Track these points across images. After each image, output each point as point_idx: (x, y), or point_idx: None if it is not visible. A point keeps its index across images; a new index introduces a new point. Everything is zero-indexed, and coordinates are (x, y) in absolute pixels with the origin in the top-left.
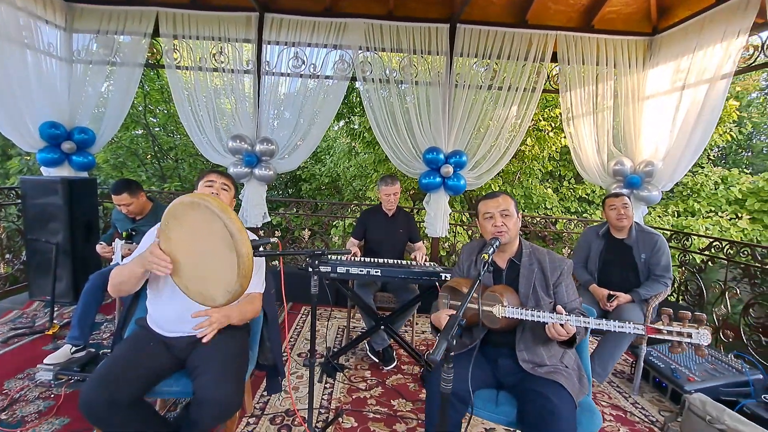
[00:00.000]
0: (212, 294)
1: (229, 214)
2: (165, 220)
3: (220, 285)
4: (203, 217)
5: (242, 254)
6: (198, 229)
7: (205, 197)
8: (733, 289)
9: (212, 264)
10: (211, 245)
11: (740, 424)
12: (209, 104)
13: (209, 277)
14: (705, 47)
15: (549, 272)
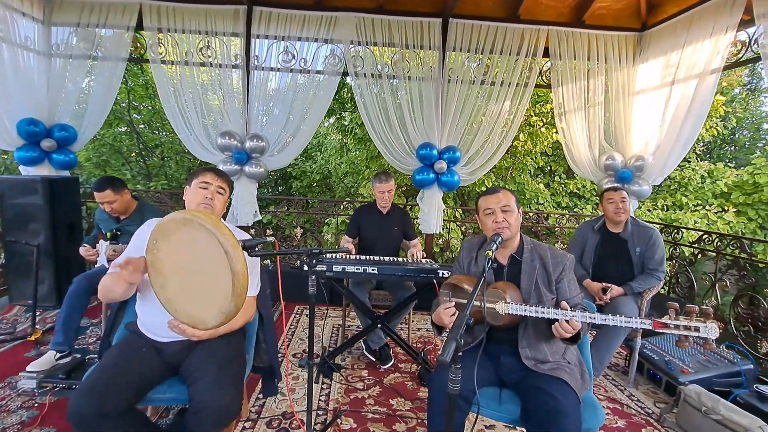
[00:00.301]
0: (202, 317)
1: (223, 230)
2: (153, 237)
3: (212, 306)
4: (195, 234)
5: (237, 272)
6: (188, 246)
7: (197, 213)
8: (723, 281)
9: (204, 283)
10: (202, 263)
11: (735, 414)
12: (196, 100)
13: (200, 298)
14: (694, 43)
15: (551, 268)
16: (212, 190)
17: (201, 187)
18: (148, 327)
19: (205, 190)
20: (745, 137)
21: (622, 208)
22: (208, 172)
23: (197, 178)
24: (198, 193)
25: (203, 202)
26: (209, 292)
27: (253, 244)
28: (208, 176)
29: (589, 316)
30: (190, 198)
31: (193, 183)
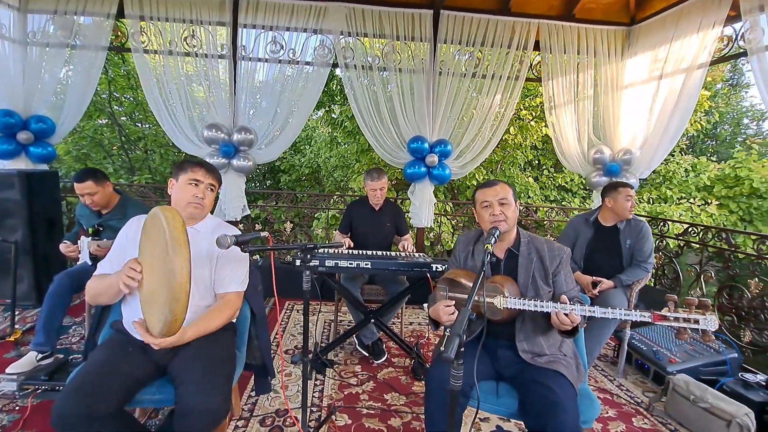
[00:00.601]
0: (151, 321)
1: (175, 222)
2: (141, 235)
3: (156, 310)
4: (157, 230)
5: (173, 270)
6: (153, 243)
7: (163, 210)
8: (708, 272)
9: (156, 285)
10: (156, 263)
11: (722, 402)
12: (181, 91)
13: (150, 300)
14: (681, 38)
15: (548, 261)
16: (203, 188)
17: (191, 183)
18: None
19: (196, 187)
20: (726, 131)
21: (633, 205)
22: (199, 168)
23: (185, 173)
24: (187, 190)
25: (193, 201)
26: (156, 294)
27: (246, 240)
28: (198, 173)
29: (588, 310)
30: (178, 195)
31: (181, 178)
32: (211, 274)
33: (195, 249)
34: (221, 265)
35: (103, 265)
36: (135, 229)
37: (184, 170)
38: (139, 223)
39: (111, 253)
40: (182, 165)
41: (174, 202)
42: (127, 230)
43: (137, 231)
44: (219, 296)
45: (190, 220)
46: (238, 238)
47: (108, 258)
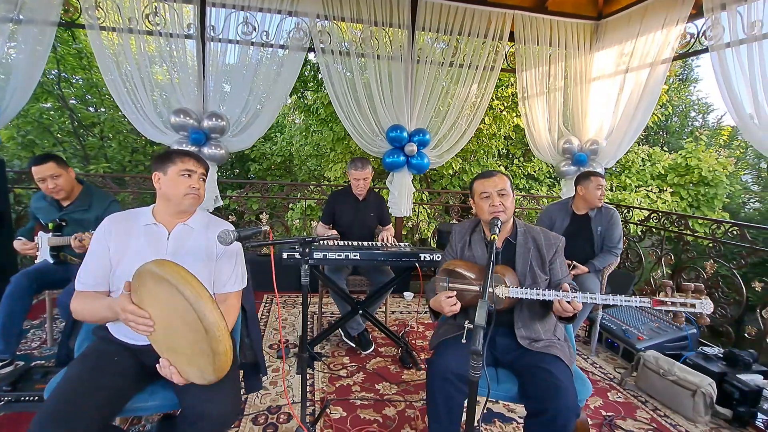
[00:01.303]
0: (185, 369)
1: (205, 303)
2: (135, 279)
3: (193, 366)
4: (174, 298)
5: (219, 353)
6: (168, 304)
7: (176, 276)
8: (669, 255)
9: (186, 345)
10: (185, 329)
11: (688, 374)
12: (144, 73)
13: (182, 354)
14: (647, 33)
15: (545, 250)
16: (196, 179)
17: (184, 175)
18: (124, 331)
19: (189, 178)
20: (675, 123)
21: (604, 194)
22: (189, 158)
23: (175, 165)
24: (180, 182)
25: (190, 192)
26: (191, 355)
27: (248, 235)
28: (189, 163)
29: (590, 297)
30: (171, 188)
31: (170, 171)
32: (211, 274)
33: (192, 247)
34: (222, 264)
35: (84, 279)
36: (117, 233)
37: (172, 161)
38: (123, 229)
39: (91, 264)
40: (168, 156)
41: (166, 196)
42: (106, 235)
43: (124, 234)
44: (219, 297)
45: (185, 214)
46: (241, 234)
47: (88, 270)
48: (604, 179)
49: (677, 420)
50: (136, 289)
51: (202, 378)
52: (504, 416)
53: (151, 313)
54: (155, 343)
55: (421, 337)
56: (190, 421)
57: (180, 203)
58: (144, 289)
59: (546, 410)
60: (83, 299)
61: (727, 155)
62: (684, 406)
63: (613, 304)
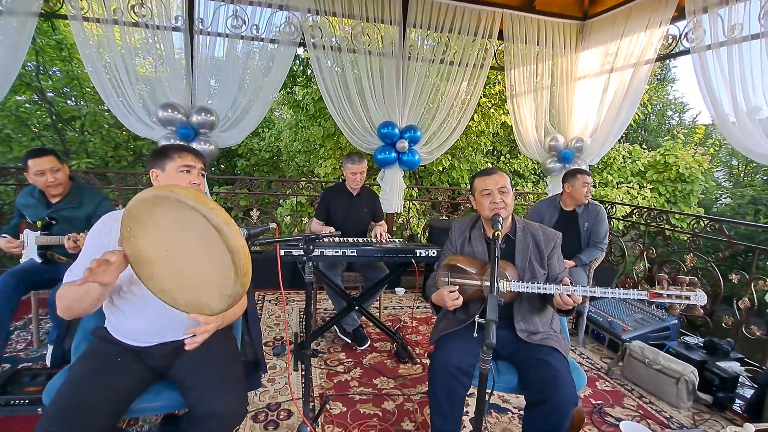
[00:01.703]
0: (207, 302)
1: (209, 204)
2: (124, 225)
3: (213, 290)
4: (175, 214)
5: (236, 249)
6: (171, 229)
7: (172, 188)
8: (651, 249)
9: (199, 267)
10: (192, 246)
11: (671, 363)
12: (130, 67)
13: (199, 283)
14: (631, 34)
15: (543, 245)
16: (196, 174)
17: (183, 171)
18: (125, 332)
19: (189, 174)
20: (653, 122)
21: (589, 191)
22: (186, 153)
23: (173, 161)
24: (180, 179)
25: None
26: (208, 275)
27: (257, 233)
28: (188, 158)
29: (589, 290)
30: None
31: (168, 167)
32: None
33: None
34: None
35: (75, 270)
36: (114, 231)
37: (169, 158)
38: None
39: (84, 259)
40: (165, 152)
41: None
42: (108, 233)
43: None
44: None
45: None
46: (251, 231)
47: (81, 263)
48: (590, 177)
49: (662, 406)
50: (127, 236)
51: (226, 296)
52: (499, 407)
53: (152, 251)
54: (165, 291)
55: (414, 331)
56: (196, 421)
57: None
58: (136, 227)
59: (546, 400)
60: (68, 286)
61: (703, 153)
62: (668, 393)
63: (600, 296)
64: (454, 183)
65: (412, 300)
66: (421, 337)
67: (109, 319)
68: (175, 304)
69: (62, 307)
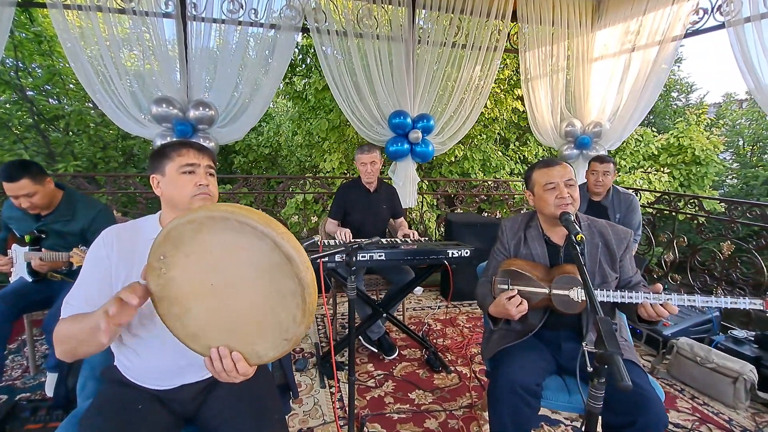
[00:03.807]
0: (254, 348)
1: (279, 228)
2: (156, 252)
3: (269, 333)
4: (230, 239)
5: (307, 284)
6: (221, 258)
7: (233, 209)
8: (681, 237)
9: (253, 306)
10: (248, 279)
11: (727, 361)
12: (117, 59)
13: (248, 326)
14: (654, 10)
15: (614, 245)
16: (202, 173)
17: (185, 171)
18: (143, 376)
19: (193, 174)
20: (660, 104)
21: (602, 182)
22: (187, 149)
23: (171, 161)
24: (183, 181)
25: (199, 192)
26: (265, 315)
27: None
28: (190, 155)
29: (688, 299)
30: (173, 191)
31: (168, 169)
32: None
33: None
34: None
35: (76, 302)
36: (121, 248)
37: (168, 157)
38: (128, 244)
39: (85, 284)
40: (163, 152)
41: (171, 201)
42: (107, 249)
43: (129, 251)
44: None
45: None
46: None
47: (80, 292)
48: (601, 164)
49: (718, 408)
50: (158, 266)
51: (285, 341)
52: (549, 418)
53: (190, 285)
54: (197, 336)
55: (441, 335)
56: None
57: (189, 206)
58: (174, 254)
59: (634, 423)
60: (70, 322)
61: (719, 134)
62: (724, 393)
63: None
64: (465, 174)
65: (432, 299)
66: (450, 341)
67: (119, 359)
68: (209, 352)
69: (64, 351)
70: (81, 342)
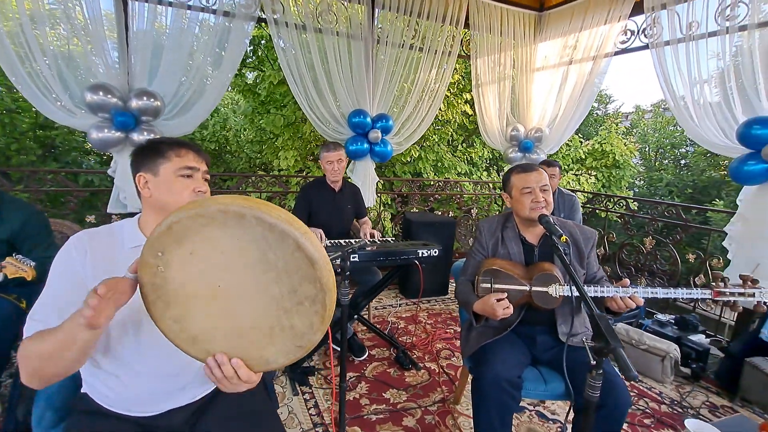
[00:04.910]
0: (262, 354)
1: (301, 227)
2: (153, 247)
3: (280, 339)
4: (244, 236)
5: (330, 287)
6: (232, 257)
7: (249, 202)
8: (610, 233)
9: (266, 310)
10: (261, 281)
11: (656, 342)
12: (43, 38)
13: (258, 331)
14: (590, 27)
15: (582, 244)
16: (200, 179)
17: (184, 175)
18: (125, 403)
19: (191, 179)
20: None
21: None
22: (188, 150)
23: (168, 161)
24: (180, 185)
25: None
26: (278, 320)
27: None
28: (190, 157)
29: (651, 291)
30: (167, 195)
31: (162, 170)
32: None
33: None
34: None
35: (44, 317)
36: (96, 257)
37: (164, 157)
38: (104, 253)
39: (53, 297)
40: (157, 149)
41: (160, 205)
42: (80, 258)
43: (107, 260)
44: None
45: None
46: None
47: (47, 307)
48: (548, 167)
49: (650, 383)
50: (163, 260)
51: (298, 348)
52: None
53: (191, 285)
54: (197, 339)
55: (405, 332)
56: None
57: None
58: (176, 250)
59: (604, 405)
60: (39, 339)
61: (634, 142)
62: (654, 370)
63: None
64: (417, 174)
65: (392, 298)
66: (415, 339)
67: (94, 386)
68: (210, 357)
69: (30, 371)
70: (50, 357)
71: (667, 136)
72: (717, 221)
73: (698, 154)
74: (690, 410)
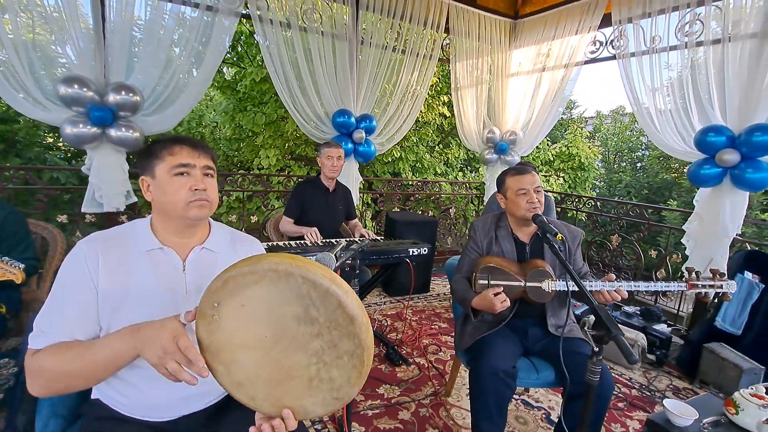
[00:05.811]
0: (302, 404)
1: (343, 285)
2: (214, 297)
3: (319, 391)
4: (291, 292)
5: (368, 346)
6: (278, 311)
7: (296, 263)
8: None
9: (307, 362)
10: (306, 334)
11: (625, 331)
12: (15, 27)
13: (298, 381)
14: (562, 37)
15: (569, 242)
16: (198, 175)
17: (178, 173)
18: (141, 409)
19: (187, 176)
20: None
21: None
22: (180, 146)
23: (161, 160)
24: (176, 185)
25: (193, 199)
26: (318, 372)
27: (344, 260)
28: (183, 153)
29: (634, 285)
30: (165, 196)
31: (158, 170)
32: None
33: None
34: None
35: (53, 328)
36: (108, 261)
37: (157, 157)
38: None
39: (65, 307)
40: (151, 151)
41: (162, 208)
42: (90, 263)
43: (120, 264)
44: None
45: (196, 229)
46: (336, 257)
47: (58, 314)
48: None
49: (620, 370)
50: (210, 312)
51: (335, 400)
52: None
53: (240, 336)
54: (242, 385)
55: (392, 329)
56: None
57: (184, 216)
58: (230, 302)
59: None
60: (55, 352)
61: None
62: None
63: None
64: (396, 174)
65: (376, 296)
66: (402, 335)
67: (108, 394)
68: (253, 402)
69: (43, 383)
70: (72, 375)
71: (624, 141)
72: (671, 220)
73: (653, 158)
74: (657, 393)
